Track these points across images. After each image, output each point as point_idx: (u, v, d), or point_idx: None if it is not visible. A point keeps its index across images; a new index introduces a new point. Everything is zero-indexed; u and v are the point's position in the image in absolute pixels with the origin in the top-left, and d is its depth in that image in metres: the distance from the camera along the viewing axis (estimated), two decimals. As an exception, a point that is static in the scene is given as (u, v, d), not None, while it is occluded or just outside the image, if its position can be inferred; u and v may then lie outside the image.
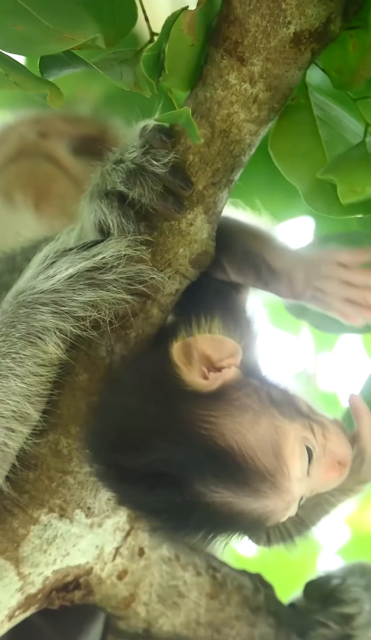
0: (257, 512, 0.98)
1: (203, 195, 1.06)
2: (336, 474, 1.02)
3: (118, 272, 1.04)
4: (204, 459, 0.97)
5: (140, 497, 1.00)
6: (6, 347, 1.05)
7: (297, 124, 1.05)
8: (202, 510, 0.97)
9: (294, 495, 0.99)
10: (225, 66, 1.03)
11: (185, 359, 1.01)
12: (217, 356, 1.01)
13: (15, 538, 1.05)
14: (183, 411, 0.99)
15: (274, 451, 0.98)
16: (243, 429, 0.98)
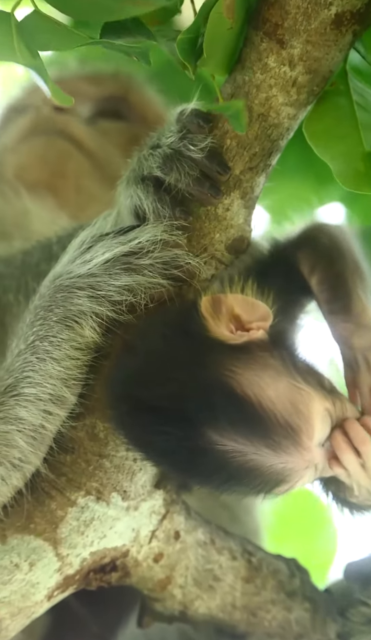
0: (277, 467, 0.97)
1: (239, 180, 1.05)
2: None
3: (154, 256, 1.04)
4: (220, 402, 0.96)
5: (149, 434, 0.99)
6: (44, 330, 1.06)
7: (334, 108, 1.04)
8: (214, 458, 0.96)
9: (314, 458, 0.98)
10: (264, 49, 1.02)
11: (213, 313, 1.01)
12: (246, 317, 1.01)
13: (53, 520, 1.07)
14: (204, 355, 0.99)
15: (296, 409, 0.97)
16: (263, 383, 0.97)
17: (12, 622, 1.06)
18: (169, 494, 1.12)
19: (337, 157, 1.02)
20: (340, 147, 1.02)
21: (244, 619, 1.16)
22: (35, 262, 1.26)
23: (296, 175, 1.76)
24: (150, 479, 1.10)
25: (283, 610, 1.17)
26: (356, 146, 1.02)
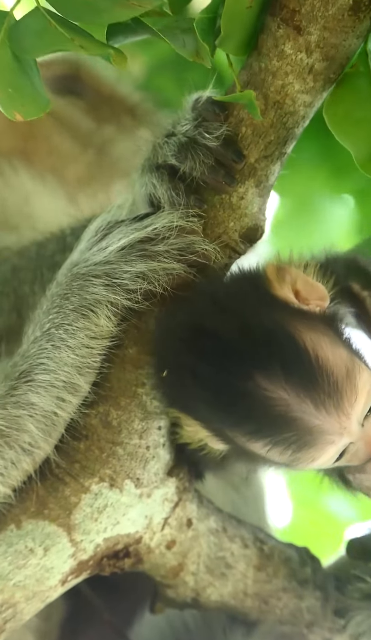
0: (311, 423, 0.96)
1: (254, 168, 1.05)
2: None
3: (170, 243, 1.04)
4: (280, 347, 0.97)
5: (202, 362, 0.98)
6: (59, 318, 1.06)
7: (355, 91, 1.03)
8: (256, 402, 0.96)
9: (351, 427, 0.98)
10: (281, 35, 1.01)
11: (277, 277, 1.02)
12: (306, 294, 1.03)
13: (67, 506, 1.07)
14: (271, 304, 1.00)
15: (348, 374, 0.98)
16: (323, 344, 0.98)
17: (27, 605, 1.07)
18: (181, 482, 1.12)
19: (357, 142, 1.01)
20: (361, 131, 1.02)
21: (256, 607, 1.17)
22: (50, 254, 1.27)
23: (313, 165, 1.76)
24: (163, 466, 1.11)
25: (295, 598, 1.17)
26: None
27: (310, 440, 0.97)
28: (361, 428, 0.99)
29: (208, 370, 0.98)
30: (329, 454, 0.99)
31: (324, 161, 1.77)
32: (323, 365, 0.98)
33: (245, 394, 0.97)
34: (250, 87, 1.03)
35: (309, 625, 1.17)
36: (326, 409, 0.97)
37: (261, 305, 1.00)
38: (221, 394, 0.98)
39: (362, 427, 0.99)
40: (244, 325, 0.98)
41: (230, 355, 0.97)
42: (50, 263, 1.24)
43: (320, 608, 1.17)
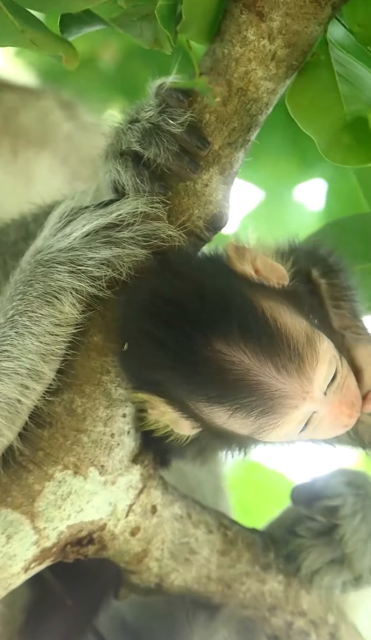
0: (274, 387, 0.97)
1: (218, 155, 1.05)
2: (348, 411, 1.01)
3: (134, 229, 1.04)
4: (239, 312, 0.97)
5: (161, 327, 0.98)
6: (23, 305, 1.06)
7: (316, 80, 1.04)
8: (216, 367, 0.96)
9: (313, 393, 0.98)
10: (244, 21, 1.01)
11: (237, 255, 1.03)
12: (265, 273, 1.03)
13: (30, 493, 1.07)
14: (229, 275, 1.00)
15: (309, 340, 0.98)
16: (282, 311, 0.99)
17: (-10, 592, 1.07)
18: (146, 469, 1.13)
19: (321, 130, 1.02)
20: (323, 119, 1.02)
21: (219, 591, 1.18)
22: (12, 241, 1.26)
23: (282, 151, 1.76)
24: (128, 454, 1.11)
25: (257, 582, 1.19)
26: (340, 118, 1.02)
27: (273, 405, 0.97)
28: (324, 396, 0.99)
29: (167, 336, 0.97)
30: (293, 420, 0.98)
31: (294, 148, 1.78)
32: (283, 330, 0.98)
33: (205, 358, 0.96)
34: (213, 73, 1.03)
35: (271, 609, 1.19)
36: (288, 372, 0.97)
37: (221, 275, 1.01)
38: (180, 359, 0.98)
39: (325, 395, 0.99)
40: (202, 291, 0.98)
41: (189, 321, 0.97)
42: (13, 251, 1.23)
43: (281, 592, 1.19)
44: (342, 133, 1.00)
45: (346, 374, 1.01)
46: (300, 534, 1.16)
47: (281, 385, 0.97)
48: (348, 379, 1.01)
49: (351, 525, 1.15)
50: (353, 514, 1.15)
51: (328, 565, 1.16)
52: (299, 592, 1.19)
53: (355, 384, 1.02)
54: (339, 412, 1.00)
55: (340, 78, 1.04)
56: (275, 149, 1.73)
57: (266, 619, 1.19)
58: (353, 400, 1.01)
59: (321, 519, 1.16)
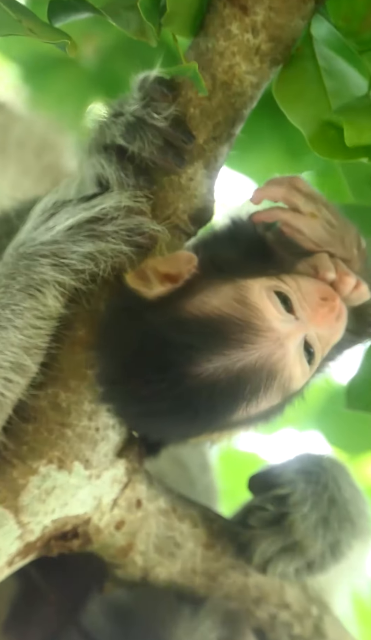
0: (255, 363, 0.97)
1: (203, 149, 1.05)
2: (326, 310, 1.00)
3: (118, 223, 1.03)
4: (178, 336, 0.98)
5: (146, 404, 1.01)
6: (6, 298, 1.05)
7: (302, 72, 1.04)
8: (204, 388, 0.98)
9: (282, 333, 0.98)
10: (227, 15, 1.00)
11: (142, 282, 1.03)
12: (174, 270, 1.03)
13: (14, 488, 1.07)
14: (148, 310, 1.01)
15: (240, 301, 0.99)
16: (205, 298, 1.00)
17: (-27, 587, 1.07)
18: (131, 463, 1.13)
19: (308, 122, 1.02)
20: (310, 111, 1.02)
21: (204, 584, 1.18)
22: None
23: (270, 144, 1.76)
24: (112, 448, 1.11)
25: (242, 575, 1.19)
26: (326, 112, 1.02)
27: (268, 369, 0.99)
28: (298, 321, 1.00)
29: (149, 400, 1.00)
30: (294, 359, 0.99)
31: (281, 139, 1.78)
32: (216, 315, 0.98)
33: (189, 391, 0.98)
34: (198, 67, 1.02)
35: (256, 602, 1.19)
36: (250, 341, 0.98)
37: (143, 318, 1.02)
38: (175, 409, 1.00)
39: (297, 319, 1.00)
40: (141, 344, 1.00)
41: (155, 373, 0.99)
42: None
43: (266, 584, 1.19)
44: (328, 127, 1.01)
45: (297, 284, 1.01)
46: (251, 524, 1.16)
47: (257, 355, 0.97)
48: (304, 286, 1.01)
49: (301, 512, 1.14)
50: (303, 500, 1.15)
51: (279, 553, 1.15)
52: (283, 585, 1.20)
53: (314, 285, 1.01)
54: (321, 317, 1.00)
55: (325, 73, 1.04)
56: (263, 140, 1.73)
57: (250, 611, 1.19)
58: (322, 296, 1.01)
59: (271, 508, 1.16)
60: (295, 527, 1.14)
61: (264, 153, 1.80)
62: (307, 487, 1.15)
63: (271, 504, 1.16)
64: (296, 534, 1.14)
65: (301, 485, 1.16)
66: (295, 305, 1.00)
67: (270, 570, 1.15)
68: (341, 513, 1.16)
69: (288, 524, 1.15)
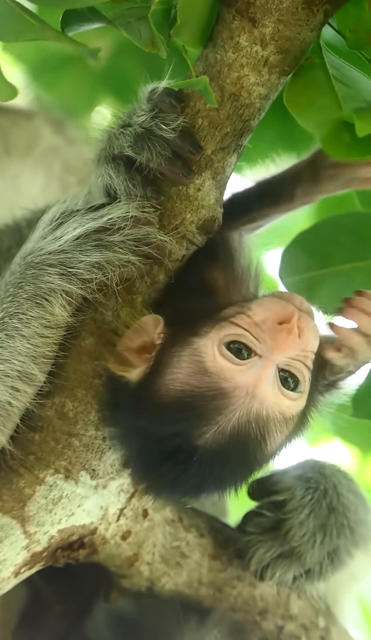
0: (239, 422, 1.00)
1: (211, 160, 1.05)
2: (284, 333, 1.01)
3: (125, 233, 1.03)
4: (169, 425, 1.01)
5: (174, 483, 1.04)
6: (13, 307, 1.05)
7: (312, 81, 1.04)
8: (215, 453, 1.00)
9: (249, 384, 1.00)
10: (236, 27, 1.01)
11: (123, 366, 1.05)
12: (147, 338, 1.04)
13: (21, 497, 1.07)
14: (144, 400, 1.03)
15: (200, 370, 1.00)
16: (174, 374, 1.01)
17: (-20, 597, 1.07)
18: (137, 473, 1.13)
19: (321, 127, 1.02)
20: (322, 117, 1.02)
21: (210, 595, 1.18)
22: (6, 247, 1.26)
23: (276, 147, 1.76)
24: (119, 457, 1.11)
25: (248, 586, 1.19)
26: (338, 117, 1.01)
27: (258, 421, 1.00)
28: (261, 359, 1.01)
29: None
30: (273, 402, 1.01)
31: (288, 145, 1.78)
32: (187, 393, 1.01)
33: (198, 462, 1.01)
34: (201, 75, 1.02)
35: (262, 613, 1.19)
36: (227, 404, 1.00)
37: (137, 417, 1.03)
38: (186, 484, 1.04)
39: (261, 357, 1.01)
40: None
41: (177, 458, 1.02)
42: (7, 257, 1.22)
43: (272, 596, 1.19)
44: (341, 131, 1.01)
45: (250, 317, 1.02)
46: (249, 530, 1.16)
47: (236, 414, 1.00)
48: (257, 315, 1.02)
49: (298, 519, 1.14)
50: (301, 507, 1.15)
51: (276, 560, 1.15)
52: (290, 596, 1.20)
53: (267, 310, 1.02)
54: (283, 343, 1.01)
55: (335, 80, 1.04)
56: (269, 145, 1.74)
57: (256, 622, 1.19)
58: (278, 320, 1.01)
59: (268, 514, 1.16)
60: (292, 533, 1.14)
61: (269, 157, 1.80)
62: (306, 494, 1.15)
63: (268, 510, 1.16)
64: (293, 540, 1.14)
65: (300, 491, 1.16)
66: (253, 346, 1.01)
67: (267, 576, 1.15)
68: (340, 520, 1.15)
69: (285, 530, 1.15)
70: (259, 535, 1.16)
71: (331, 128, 0.99)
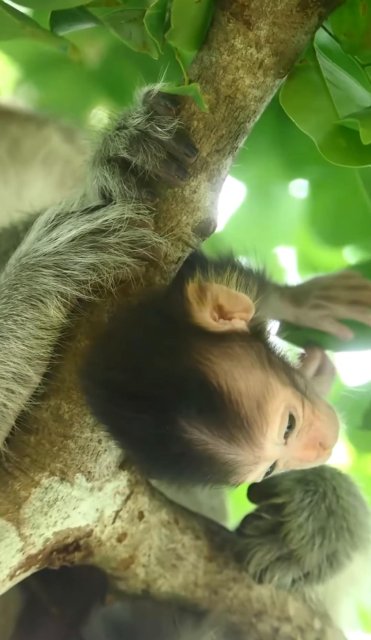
0: (227, 457, 0.99)
1: (206, 162, 1.05)
2: (314, 453, 1.03)
3: (121, 235, 1.03)
4: (195, 391, 0.98)
5: (123, 421, 1.00)
6: (8, 309, 1.05)
7: (307, 83, 1.04)
8: (180, 445, 0.98)
9: (265, 455, 1.00)
10: (231, 30, 1.01)
11: (198, 299, 1.03)
12: (229, 308, 1.03)
13: (16, 500, 1.07)
14: (184, 341, 1.00)
15: (259, 404, 0.99)
16: (236, 374, 1.00)
17: (-25, 600, 1.06)
18: (133, 475, 1.13)
19: (317, 130, 1.02)
20: (318, 119, 1.02)
21: (206, 597, 1.18)
22: (3, 250, 1.26)
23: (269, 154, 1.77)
24: (115, 460, 1.11)
25: (244, 588, 1.19)
26: (334, 120, 1.02)
27: (230, 470, 1.00)
28: (284, 447, 1.01)
29: (132, 427, 0.99)
30: (252, 477, 1.02)
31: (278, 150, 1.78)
32: (235, 401, 0.99)
33: (169, 440, 0.99)
34: (201, 80, 1.03)
35: (258, 615, 1.19)
36: (238, 443, 0.99)
37: (174, 347, 1.00)
38: (146, 447, 1.01)
39: (285, 445, 1.01)
40: (157, 376, 0.99)
41: (149, 409, 0.98)
42: (4, 260, 1.22)
43: (268, 598, 1.19)
44: (337, 135, 1.01)
45: (311, 416, 1.03)
46: (247, 532, 1.16)
47: (233, 456, 0.99)
48: (315, 422, 1.03)
49: (297, 521, 1.14)
50: (299, 510, 1.15)
51: (275, 563, 1.15)
52: (286, 598, 1.20)
53: (322, 428, 1.03)
54: (303, 456, 1.03)
55: (329, 83, 1.05)
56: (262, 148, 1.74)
57: (252, 624, 1.19)
58: (320, 440, 1.03)
59: (267, 517, 1.16)
60: (291, 536, 1.14)
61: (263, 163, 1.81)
62: (304, 497, 1.15)
63: (267, 513, 1.16)
64: (291, 543, 1.14)
65: (299, 494, 1.16)
66: (293, 434, 1.02)
67: (266, 579, 1.15)
68: (339, 523, 1.15)
69: (284, 533, 1.15)
70: (258, 538, 1.16)
71: (329, 133, 1.00)
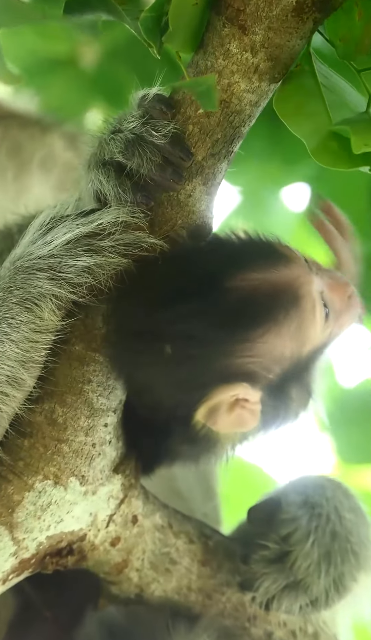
0: (282, 282, 1.04)
1: (202, 166, 1.05)
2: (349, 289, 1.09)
3: (115, 239, 1.03)
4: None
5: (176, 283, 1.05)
6: (2, 312, 1.05)
7: (302, 88, 1.04)
8: (237, 299, 1.03)
9: (307, 267, 1.06)
10: (226, 34, 1.01)
11: None
12: None
13: (9, 504, 1.07)
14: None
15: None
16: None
17: (-33, 604, 1.06)
18: (127, 479, 1.13)
19: (310, 134, 1.03)
20: (311, 123, 1.03)
21: (200, 601, 1.18)
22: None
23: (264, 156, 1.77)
24: (109, 464, 1.11)
25: (238, 592, 1.19)
26: (326, 124, 1.03)
27: (293, 292, 1.04)
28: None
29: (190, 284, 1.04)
30: (315, 301, 1.05)
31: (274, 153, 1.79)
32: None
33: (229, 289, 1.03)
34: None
35: (251, 619, 1.19)
36: (284, 264, 1.05)
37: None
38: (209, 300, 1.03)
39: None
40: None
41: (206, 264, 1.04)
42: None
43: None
44: (329, 139, 1.02)
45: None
46: (253, 562, 1.15)
47: (288, 271, 1.04)
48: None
49: (303, 550, 1.14)
50: (305, 537, 1.14)
51: (282, 592, 1.15)
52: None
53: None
54: (343, 292, 1.08)
55: (324, 88, 1.05)
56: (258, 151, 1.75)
57: (246, 629, 1.19)
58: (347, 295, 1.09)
59: (273, 547, 1.15)
60: (297, 565, 1.14)
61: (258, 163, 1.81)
62: (310, 522, 1.15)
63: (273, 543, 1.15)
64: (298, 572, 1.14)
65: (304, 521, 1.15)
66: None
67: (273, 607, 1.15)
68: (343, 546, 1.15)
69: (291, 562, 1.14)
70: (264, 567, 1.15)
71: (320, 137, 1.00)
